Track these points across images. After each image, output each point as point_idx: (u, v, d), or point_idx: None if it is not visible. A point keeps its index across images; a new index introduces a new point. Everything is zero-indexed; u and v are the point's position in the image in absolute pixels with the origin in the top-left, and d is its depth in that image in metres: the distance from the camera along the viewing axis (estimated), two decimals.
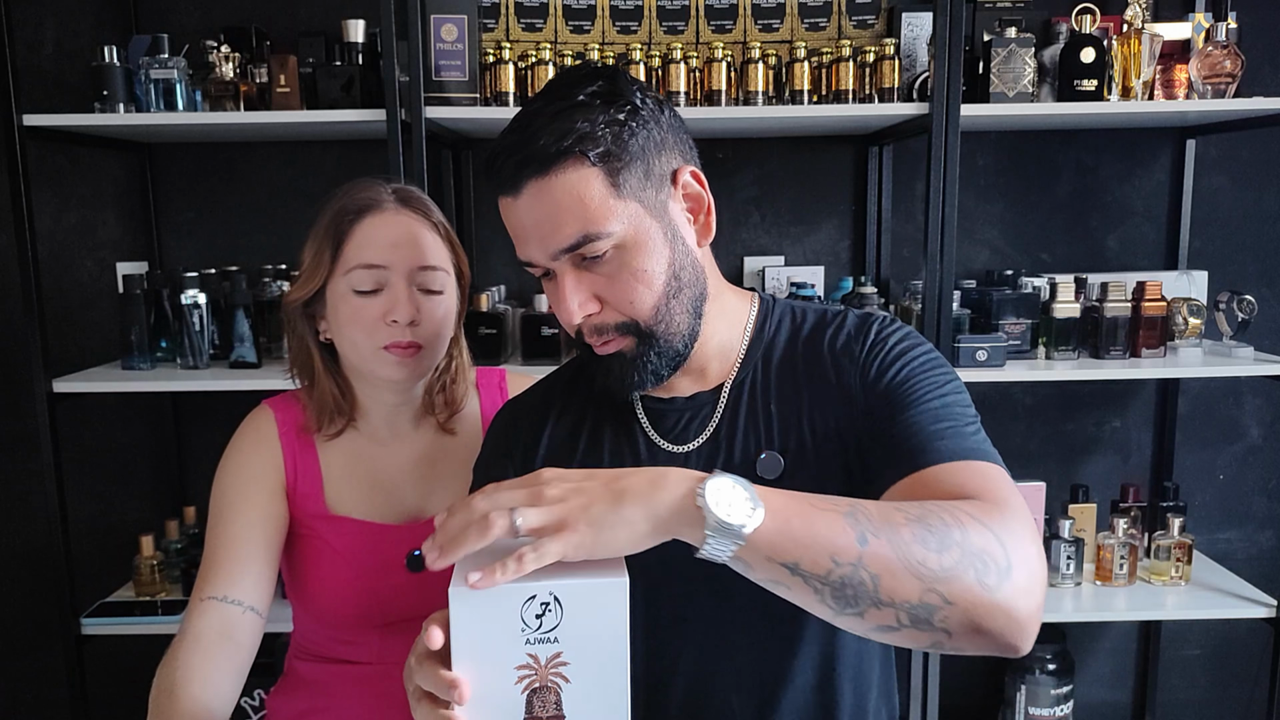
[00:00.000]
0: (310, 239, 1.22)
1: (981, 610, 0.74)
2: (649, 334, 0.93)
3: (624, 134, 0.89)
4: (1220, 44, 1.87)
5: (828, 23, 2.16)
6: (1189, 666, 2.46)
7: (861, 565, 0.73)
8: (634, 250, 0.91)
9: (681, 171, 0.95)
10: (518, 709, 0.74)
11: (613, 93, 0.90)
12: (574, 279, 0.92)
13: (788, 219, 2.31)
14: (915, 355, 0.96)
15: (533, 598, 0.72)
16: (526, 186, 0.89)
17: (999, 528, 0.77)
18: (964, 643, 0.76)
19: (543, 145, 0.87)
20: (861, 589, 0.74)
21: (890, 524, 0.75)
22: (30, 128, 1.81)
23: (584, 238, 0.89)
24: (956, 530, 0.75)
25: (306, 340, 1.25)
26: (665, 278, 0.92)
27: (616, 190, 0.89)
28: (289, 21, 2.15)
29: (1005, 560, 0.75)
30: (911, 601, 0.74)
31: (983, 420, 0.96)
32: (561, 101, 0.89)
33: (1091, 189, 2.29)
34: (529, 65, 1.91)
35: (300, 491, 1.24)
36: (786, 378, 0.99)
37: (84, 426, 2.29)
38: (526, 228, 0.91)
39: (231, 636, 1.13)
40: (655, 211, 0.92)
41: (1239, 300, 2.01)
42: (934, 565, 0.73)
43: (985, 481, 0.83)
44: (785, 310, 1.05)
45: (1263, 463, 2.39)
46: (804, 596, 0.75)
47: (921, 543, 0.74)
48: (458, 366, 1.30)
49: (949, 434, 0.88)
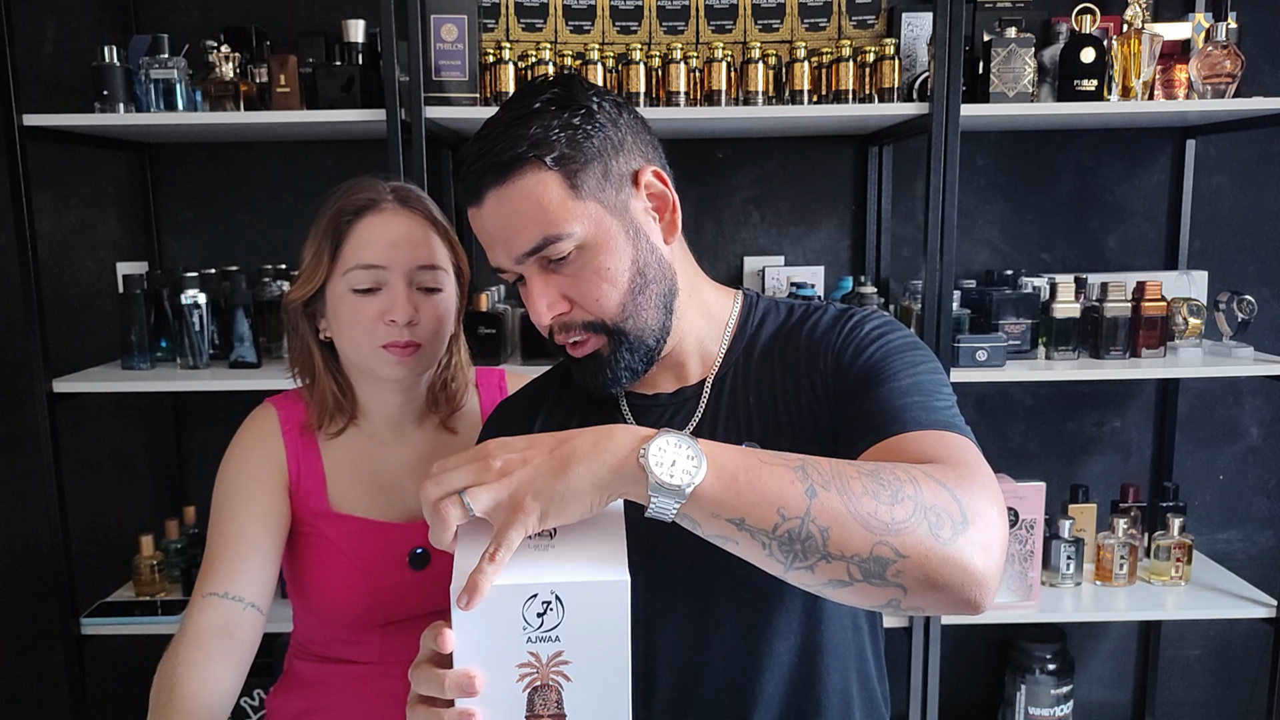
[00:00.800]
0: (310, 238, 1.22)
1: (935, 563, 0.73)
2: (618, 331, 0.95)
3: (578, 136, 0.91)
4: (1220, 44, 1.87)
5: (828, 23, 2.16)
6: (1189, 666, 2.46)
7: (809, 518, 0.73)
8: (596, 249, 0.92)
9: (643, 171, 0.96)
10: (519, 707, 0.74)
11: (567, 98, 0.92)
12: (541, 281, 0.94)
13: (788, 219, 2.31)
14: (890, 339, 0.96)
15: (534, 596, 0.72)
16: (487, 195, 0.91)
17: (955, 486, 0.76)
18: (920, 599, 0.75)
19: (499, 152, 0.90)
20: (810, 542, 0.73)
21: (841, 476, 0.75)
22: (30, 128, 1.81)
23: (544, 240, 0.91)
24: (909, 485, 0.75)
25: (307, 339, 1.25)
26: (630, 275, 0.94)
27: (575, 192, 0.91)
28: (289, 21, 2.15)
29: (960, 515, 0.74)
30: (862, 554, 0.73)
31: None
32: (518, 109, 0.92)
33: (1091, 189, 2.29)
34: (529, 65, 1.91)
35: (303, 489, 1.25)
36: (765, 370, 1.01)
37: (84, 426, 2.29)
38: (491, 234, 0.94)
39: (232, 633, 1.13)
40: (616, 211, 0.94)
41: (1239, 300, 2.01)
42: (885, 517, 0.73)
43: (950, 450, 0.82)
44: (769, 306, 1.06)
45: (1263, 463, 2.39)
46: (752, 551, 0.75)
47: (873, 495, 0.74)
48: (457, 364, 1.31)
49: (916, 406, 0.87)
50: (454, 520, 0.74)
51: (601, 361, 0.96)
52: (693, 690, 0.99)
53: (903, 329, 0.99)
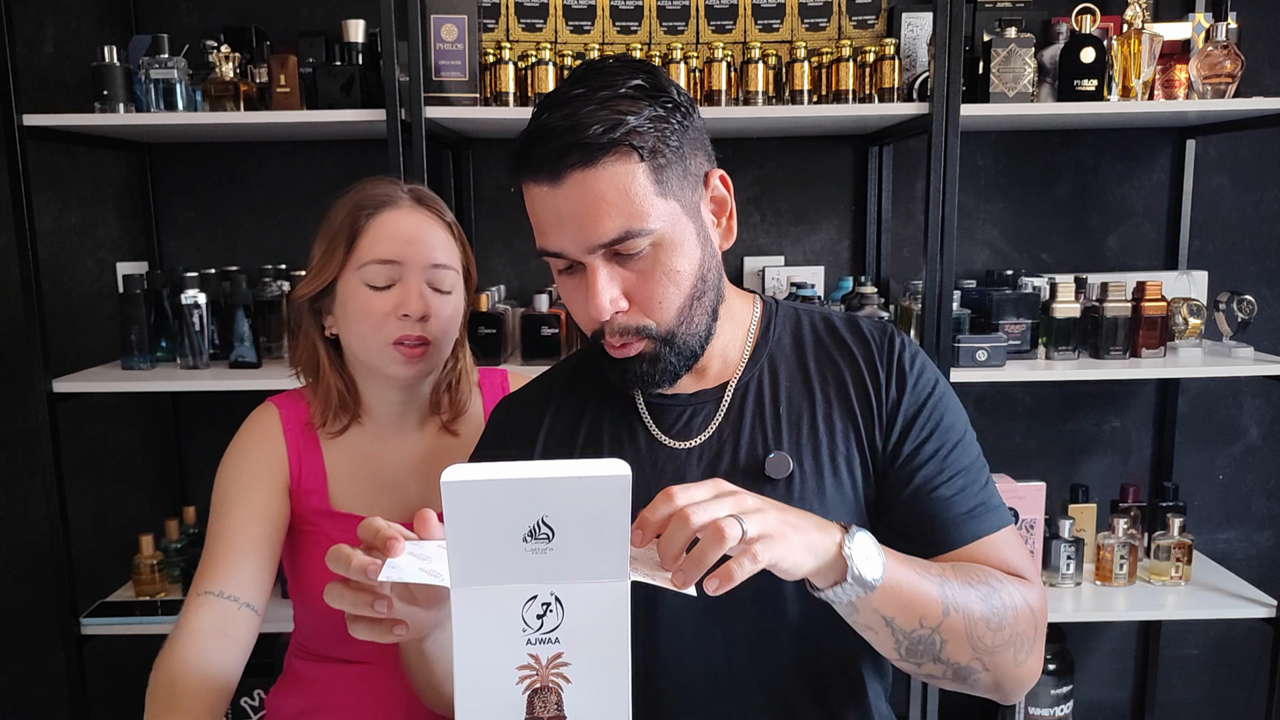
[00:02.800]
0: (321, 234, 1.23)
1: (1007, 679, 0.91)
2: (669, 336, 0.93)
3: (667, 131, 0.88)
4: (1220, 44, 1.87)
5: (828, 23, 2.16)
6: (1189, 666, 2.46)
7: (938, 631, 0.86)
8: (670, 249, 0.90)
9: (712, 174, 0.95)
10: (518, 709, 0.73)
11: (656, 88, 0.89)
12: (607, 274, 0.90)
13: (788, 219, 2.31)
14: (939, 397, 1.00)
15: (534, 598, 0.72)
16: (570, 174, 0.86)
17: (1039, 612, 0.93)
18: (979, 692, 0.93)
19: (592, 133, 0.84)
20: (930, 647, 0.87)
21: (967, 601, 0.87)
22: (30, 128, 1.81)
23: (626, 233, 0.87)
24: (1009, 614, 0.90)
25: (313, 335, 1.25)
26: (694, 279, 0.92)
27: (659, 188, 0.88)
28: (289, 21, 2.15)
29: (1033, 641, 0.92)
30: (961, 664, 0.89)
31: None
32: (607, 90, 0.87)
33: (1091, 189, 2.29)
34: (529, 65, 1.91)
35: (304, 488, 1.25)
36: (796, 381, 1.00)
37: (84, 426, 2.29)
38: (563, 217, 0.88)
39: (227, 632, 1.13)
40: (691, 212, 0.92)
41: (1239, 300, 2.01)
42: (987, 641, 0.88)
43: (1019, 555, 0.97)
44: (789, 313, 1.06)
45: (1262, 463, 2.39)
46: (885, 642, 0.87)
47: (985, 622, 0.88)
48: (462, 369, 1.31)
49: (979, 511, 0.96)
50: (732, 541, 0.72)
51: (645, 362, 0.94)
52: (693, 694, 0.99)
53: (935, 369, 1.03)
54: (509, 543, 0.71)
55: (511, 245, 2.26)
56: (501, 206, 2.25)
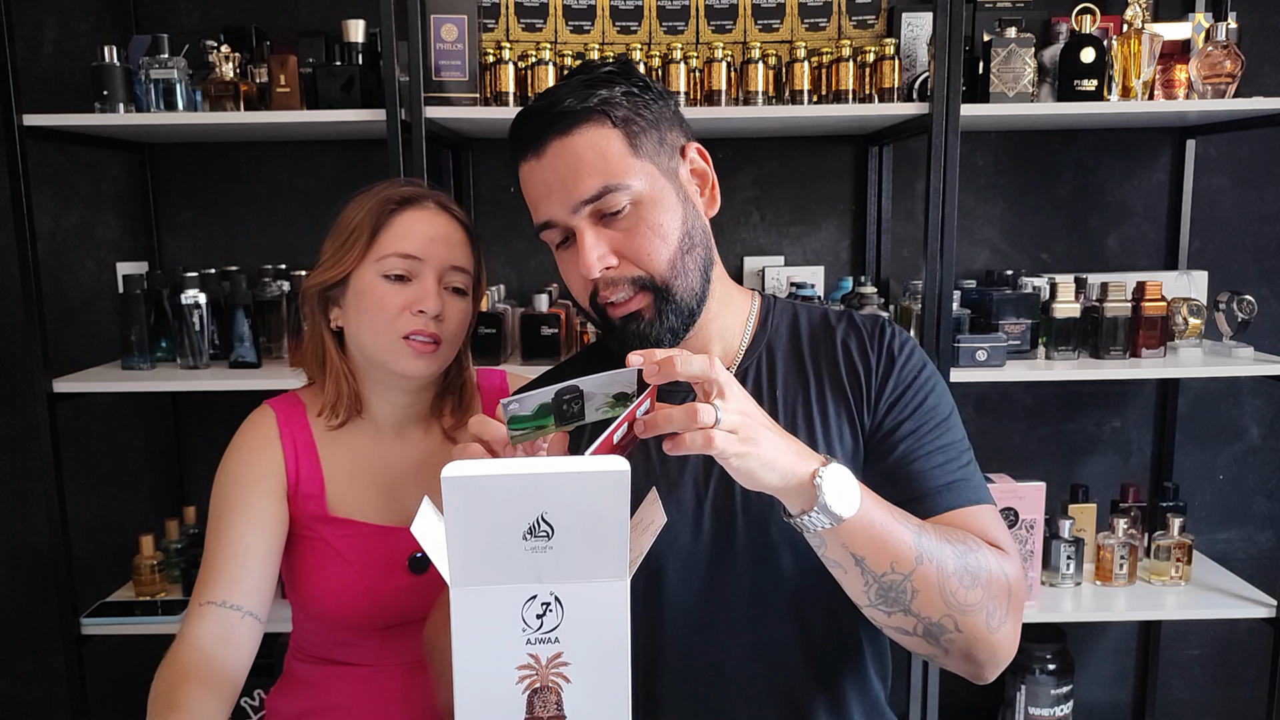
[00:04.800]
0: (336, 229, 1.23)
1: (980, 644, 0.91)
2: (665, 288, 0.98)
3: (639, 104, 0.98)
4: (1220, 44, 1.87)
5: (828, 23, 2.16)
6: (1189, 666, 2.46)
7: (910, 578, 0.87)
8: (650, 206, 0.97)
9: (689, 147, 1.03)
10: (518, 709, 0.73)
11: (629, 72, 1.00)
12: (594, 234, 0.96)
13: (788, 219, 2.31)
14: (925, 379, 1.04)
15: (533, 598, 0.72)
16: (550, 144, 0.96)
17: (1014, 582, 0.94)
18: (952, 663, 0.93)
19: (567, 105, 0.95)
20: (901, 596, 0.88)
21: (942, 554, 0.89)
22: (30, 128, 1.81)
23: (605, 189, 0.95)
24: (984, 574, 0.91)
25: (321, 327, 1.25)
26: (680, 234, 0.98)
27: (634, 151, 0.96)
28: (289, 21, 2.15)
29: (1007, 609, 0.92)
30: (932, 619, 0.89)
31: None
32: (583, 75, 0.98)
33: (1091, 189, 2.29)
34: (529, 65, 1.91)
35: (302, 493, 1.24)
36: (792, 368, 1.05)
37: (84, 426, 2.29)
38: (549, 184, 0.96)
39: (230, 641, 1.13)
40: (668, 174, 0.99)
41: (1239, 300, 2.01)
42: (961, 599, 0.89)
43: (998, 530, 0.98)
44: (787, 307, 1.11)
45: (1263, 463, 2.39)
46: (853, 582, 0.88)
47: (958, 578, 0.89)
48: (467, 377, 1.32)
49: (958, 486, 0.99)
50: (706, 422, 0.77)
51: (643, 321, 0.99)
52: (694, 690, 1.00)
53: (927, 359, 1.08)
54: (509, 540, 0.71)
55: (511, 245, 2.26)
56: (501, 206, 2.25)
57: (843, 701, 1.03)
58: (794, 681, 1.01)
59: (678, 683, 1.00)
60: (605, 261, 0.96)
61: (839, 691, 1.03)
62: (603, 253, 0.96)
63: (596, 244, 0.96)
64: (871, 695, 1.06)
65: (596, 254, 0.96)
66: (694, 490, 1.01)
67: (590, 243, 0.96)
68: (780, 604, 1.00)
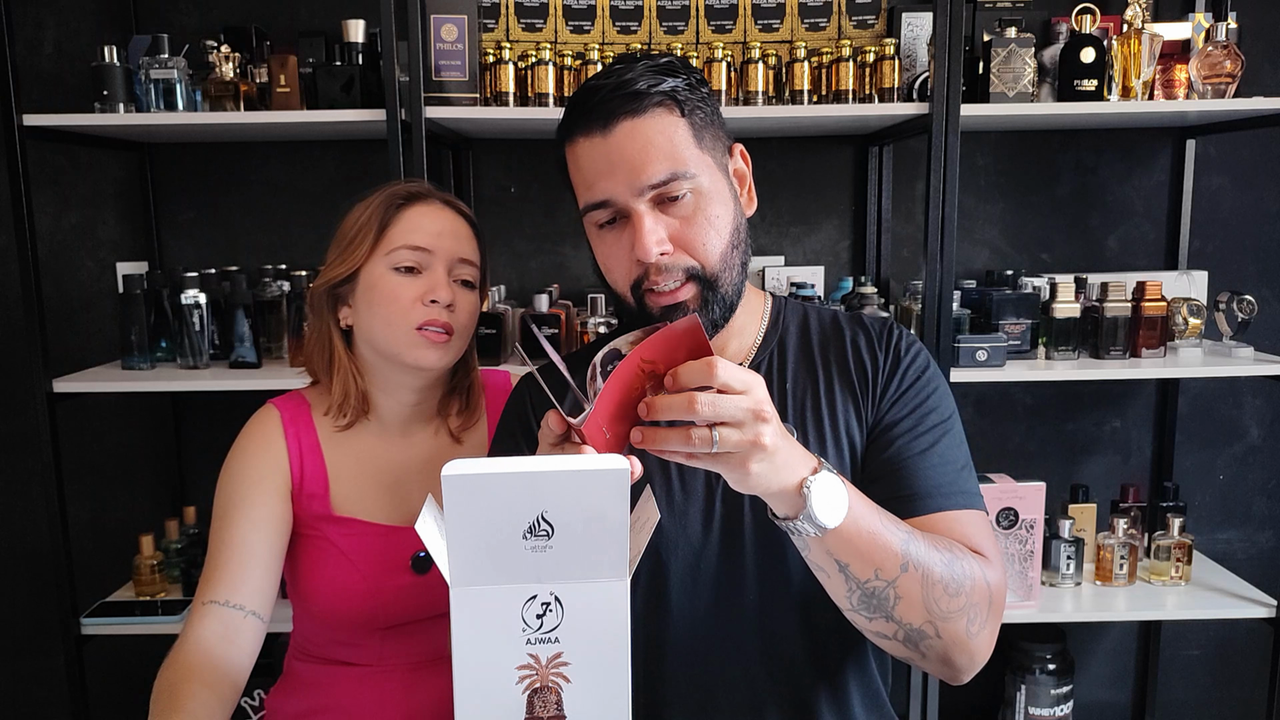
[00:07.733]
0: (343, 229, 1.24)
1: (958, 649, 0.91)
2: (713, 281, 0.99)
3: (698, 98, 0.99)
4: (1220, 44, 1.87)
5: (828, 23, 2.16)
6: (1189, 666, 2.46)
7: (893, 586, 0.87)
8: (709, 198, 0.98)
9: (735, 146, 1.06)
10: (518, 709, 0.74)
11: (688, 65, 1.02)
12: (653, 219, 0.97)
13: (788, 219, 2.31)
14: (928, 381, 1.06)
15: (533, 598, 0.72)
16: (621, 122, 0.95)
17: (995, 589, 0.94)
18: (929, 665, 0.93)
19: (641, 87, 0.95)
20: (884, 602, 0.88)
21: (929, 561, 0.89)
22: (30, 128, 1.81)
23: (673, 175, 0.95)
24: (968, 582, 0.91)
25: (329, 326, 1.25)
26: (731, 228, 1.00)
27: (698, 142, 0.98)
28: (289, 21, 2.15)
29: (987, 615, 0.93)
30: (914, 625, 0.89)
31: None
32: (649, 62, 0.98)
33: (1091, 189, 2.29)
34: (529, 65, 1.91)
35: (306, 492, 1.24)
36: (802, 364, 1.07)
37: (84, 426, 2.29)
38: (614, 163, 0.96)
39: (233, 641, 1.13)
40: (722, 169, 1.02)
41: (1239, 300, 2.01)
42: (944, 606, 0.89)
43: (984, 537, 0.98)
44: (797, 307, 1.14)
45: (1263, 463, 2.38)
46: (836, 587, 0.88)
47: (944, 586, 0.89)
48: (475, 378, 1.32)
49: (949, 490, 0.99)
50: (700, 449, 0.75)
51: (687, 312, 0.99)
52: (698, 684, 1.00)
53: (934, 364, 1.09)
54: (509, 539, 0.71)
55: (511, 245, 2.26)
56: (501, 206, 2.25)
57: (846, 697, 1.03)
58: (798, 676, 1.01)
59: (681, 677, 1.01)
60: (663, 247, 0.96)
61: (842, 686, 1.03)
62: (661, 237, 0.96)
63: (656, 228, 0.96)
64: (874, 690, 1.06)
65: (655, 238, 0.96)
66: (705, 485, 1.02)
67: (649, 226, 0.96)
68: (787, 599, 1.00)
